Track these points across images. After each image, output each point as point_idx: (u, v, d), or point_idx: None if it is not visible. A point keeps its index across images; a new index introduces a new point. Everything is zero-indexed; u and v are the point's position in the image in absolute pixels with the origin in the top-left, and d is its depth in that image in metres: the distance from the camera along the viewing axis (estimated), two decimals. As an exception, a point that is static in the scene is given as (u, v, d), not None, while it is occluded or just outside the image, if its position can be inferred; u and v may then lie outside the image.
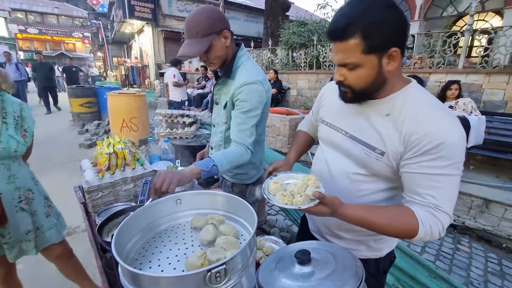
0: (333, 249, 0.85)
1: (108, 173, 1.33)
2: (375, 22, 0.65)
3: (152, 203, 0.76)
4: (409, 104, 0.73)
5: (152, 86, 14.78)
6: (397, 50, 0.68)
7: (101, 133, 5.94)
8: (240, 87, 1.19)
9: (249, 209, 0.72)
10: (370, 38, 0.66)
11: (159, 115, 2.28)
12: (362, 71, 0.71)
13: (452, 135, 0.67)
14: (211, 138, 1.53)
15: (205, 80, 8.65)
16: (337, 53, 0.72)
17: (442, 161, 0.67)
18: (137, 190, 1.39)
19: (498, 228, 2.70)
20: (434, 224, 0.70)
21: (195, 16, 1.12)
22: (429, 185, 0.70)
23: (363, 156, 0.80)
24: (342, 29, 0.68)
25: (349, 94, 0.78)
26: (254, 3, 16.85)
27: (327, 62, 6.02)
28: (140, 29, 15.57)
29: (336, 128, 0.90)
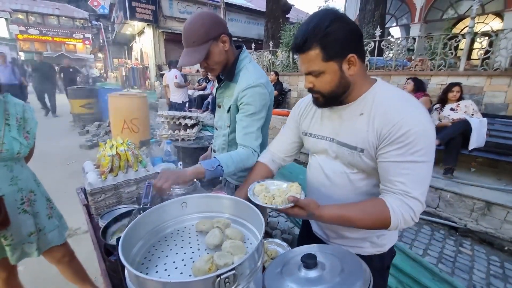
0: (339, 252, 0.85)
1: (111, 175, 1.33)
2: (326, 34, 0.74)
3: (158, 206, 0.76)
4: (377, 100, 0.80)
5: (152, 87, 14.79)
6: (354, 56, 0.77)
7: (101, 134, 5.94)
8: (243, 91, 1.19)
9: (256, 213, 0.72)
10: (326, 47, 0.75)
11: (161, 116, 2.27)
12: (326, 77, 0.79)
13: (417, 123, 0.72)
14: (213, 141, 1.53)
15: (206, 82, 8.67)
16: (303, 64, 0.81)
17: (409, 147, 0.73)
18: (140, 192, 1.38)
19: (500, 231, 2.69)
20: (405, 211, 0.75)
21: (190, 25, 1.12)
22: (399, 172, 0.75)
23: (348, 156, 0.87)
24: (301, 43, 0.77)
25: (320, 99, 0.86)
26: (255, 5, 16.89)
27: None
28: (141, 30, 15.60)
29: (321, 137, 0.97)
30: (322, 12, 0.78)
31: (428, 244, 2.71)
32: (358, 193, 0.90)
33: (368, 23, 6.51)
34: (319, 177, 1.00)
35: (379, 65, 5.33)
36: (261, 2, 17.31)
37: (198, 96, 8.19)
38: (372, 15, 6.53)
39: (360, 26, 6.80)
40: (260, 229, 0.68)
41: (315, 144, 0.99)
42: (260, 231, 0.67)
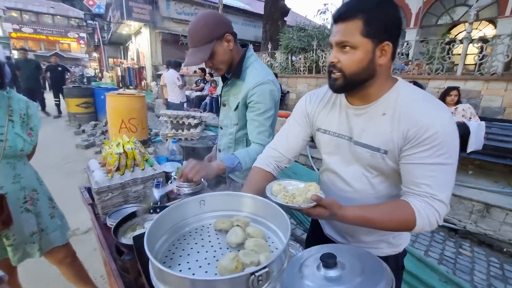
0: (356, 252, 0.84)
1: (117, 173, 1.30)
2: (376, 10, 0.71)
3: (177, 204, 0.74)
4: (401, 100, 0.77)
5: (148, 87, 14.69)
6: (390, 45, 0.74)
7: (98, 134, 5.86)
8: (253, 88, 1.19)
9: (278, 212, 0.71)
10: (369, 23, 0.72)
11: (164, 116, 2.25)
12: (357, 54, 0.74)
13: (445, 124, 0.71)
14: (218, 141, 1.51)
15: (203, 83, 8.64)
16: (337, 33, 0.76)
17: (436, 150, 0.71)
18: (147, 192, 1.36)
19: (499, 233, 2.73)
20: (430, 213, 0.73)
21: (194, 25, 1.13)
22: (424, 174, 0.73)
23: (369, 158, 0.83)
24: (346, 11, 0.74)
25: (339, 80, 0.79)
26: (252, 8, 16.97)
27: (326, 67, 6.06)
28: (138, 30, 15.52)
29: (338, 134, 0.91)
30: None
31: (429, 246, 2.73)
32: (379, 197, 0.88)
33: (366, 27, 6.56)
34: (336, 183, 0.96)
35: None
36: (258, 4, 17.40)
37: (196, 97, 8.17)
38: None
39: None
40: (284, 228, 0.67)
41: (330, 142, 0.94)
42: (285, 230, 0.66)
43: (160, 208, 1.10)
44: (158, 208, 1.10)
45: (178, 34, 12.31)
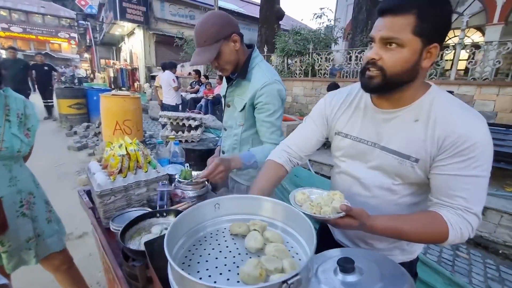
0: (373, 256, 0.82)
1: (119, 176, 1.26)
2: (432, 6, 0.66)
3: (193, 207, 0.71)
4: (436, 107, 0.73)
5: (141, 89, 14.52)
6: (437, 47, 0.69)
7: (90, 136, 5.73)
8: (261, 89, 1.18)
9: (298, 216, 0.69)
10: (423, 20, 0.65)
11: (164, 117, 2.20)
12: (403, 52, 0.69)
13: (484, 136, 0.68)
14: (222, 142, 1.50)
15: (198, 85, 8.59)
16: (384, 28, 0.69)
17: (473, 161, 0.68)
18: (150, 195, 1.32)
19: (494, 235, 2.77)
20: (464, 226, 0.71)
21: (202, 24, 1.13)
22: (460, 186, 0.71)
23: (397, 165, 0.79)
24: (399, 3, 0.67)
25: (377, 79, 0.73)
26: (247, 11, 17.03)
27: (322, 70, 6.11)
28: (131, 31, 15.36)
29: (360, 139, 0.87)
30: None
31: (426, 248, 2.75)
32: (398, 204, 0.85)
33: (362, 31, 6.67)
34: (353, 187, 0.91)
35: (373, 73, 5.45)
36: (253, 8, 17.50)
37: (191, 99, 8.10)
38: (365, 24, 6.70)
39: (354, 34, 6.97)
40: (305, 231, 0.65)
41: (352, 147, 0.89)
42: (307, 234, 0.63)
43: (166, 212, 1.07)
44: (164, 212, 1.06)
45: (172, 36, 12.22)
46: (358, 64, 5.45)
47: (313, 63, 6.22)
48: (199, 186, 1.33)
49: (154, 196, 1.31)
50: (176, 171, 1.53)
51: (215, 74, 9.03)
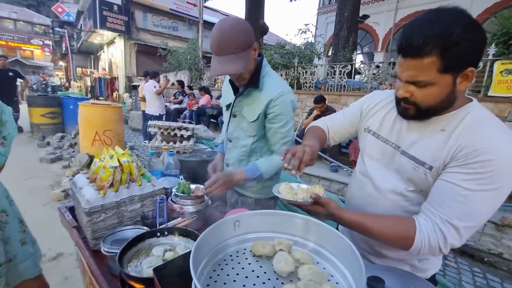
0: (400, 274, 0.78)
1: (111, 190, 1.14)
2: (456, 42, 0.60)
3: (213, 226, 0.62)
4: (468, 121, 0.71)
5: (120, 98, 14.05)
6: (473, 70, 0.65)
7: (65, 147, 5.37)
8: (276, 99, 1.16)
9: (329, 231, 0.63)
10: (448, 57, 0.62)
11: (154, 127, 2.08)
12: (433, 89, 0.67)
13: (505, 157, 0.63)
14: (226, 154, 1.41)
15: (182, 95, 8.45)
16: (408, 70, 0.67)
17: (480, 177, 0.64)
18: (144, 211, 1.20)
19: (479, 243, 2.84)
20: (433, 236, 0.68)
21: (230, 30, 1.03)
22: (453, 197, 0.67)
23: (411, 171, 0.78)
24: (419, 46, 0.63)
25: (412, 111, 0.74)
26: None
27: (307, 83, 6.24)
28: (111, 40, 14.99)
29: (386, 141, 0.87)
30: (453, 12, 0.63)
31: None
32: (407, 212, 0.83)
33: (344, 48, 6.93)
34: (366, 188, 0.91)
35: (356, 87, 5.64)
36: (236, 22, 17.76)
37: (175, 110, 7.92)
38: (346, 41, 6.99)
39: (336, 50, 7.23)
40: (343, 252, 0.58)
41: (375, 146, 0.89)
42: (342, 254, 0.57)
43: (167, 231, 0.96)
44: (165, 231, 0.96)
45: (155, 46, 12.05)
46: (342, 78, 5.62)
47: (298, 76, 6.34)
48: (199, 201, 1.24)
49: (148, 212, 1.19)
50: (171, 184, 1.42)
51: (199, 85, 8.95)
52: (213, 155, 2.09)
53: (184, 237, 0.94)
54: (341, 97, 5.57)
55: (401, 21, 10.66)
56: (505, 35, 3.90)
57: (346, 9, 7.09)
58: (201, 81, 9.81)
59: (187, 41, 11.53)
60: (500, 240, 2.73)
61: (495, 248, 2.76)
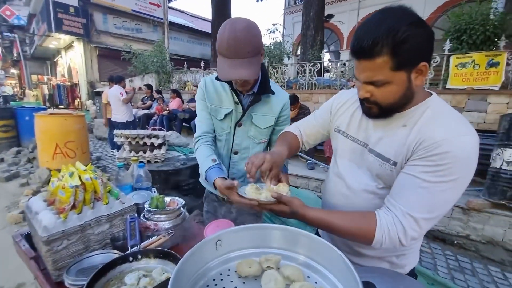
0: (386, 274, 0.77)
1: (73, 212, 1.01)
2: (404, 40, 0.62)
3: (192, 250, 0.56)
4: (427, 115, 0.72)
5: (83, 106, 13.18)
6: (426, 65, 0.67)
7: (22, 163, 4.89)
8: (287, 102, 1.23)
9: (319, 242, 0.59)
10: (398, 55, 0.64)
11: (121, 136, 1.92)
12: (391, 87, 0.69)
13: (463, 148, 0.64)
14: (231, 168, 1.29)
15: (151, 100, 8.10)
16: (364, 71, 0.70)
17: (439, 169, 0.65)
18: (113, 232, 1.08)
19: (449, 228, 3.03)
20: (393, 229, 0.69)
21: (243, 33, 0.95)
22: (413, 190, 0.68)
23: (379, 168, 0.80)
24: (369, 47, 0.64)
25: (375, 109, 0.76)
26: (197, 26, 16.96)
27: (279, 83, 6.28)
28: (69, 44, 14.01)
29: (355, 139, 0.88)
30: (398, 11, 0.65)
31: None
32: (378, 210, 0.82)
33: (312, 46, 7.08)
34: (337, 188, 0.92)
35: (326, 84, 5.78)
36: (202, 23, 17.50)
37: (143, 115, 7.58)
38: (313, 40, 7.15)
39: (305, 49, 7.36)
40: (330, 262, 0.55)
41: (345, 145, 0.91)
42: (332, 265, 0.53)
43: (141, 254, 0.87)
44: (138, 254, 0.86)
45: (118, 49, 11.44)
46: (312, 76, 5.73)
47: (269, 76, 6.35)
48: (175, 214, 1.15)
49: (119, 233, 1.08)
50: (142, 199, 1.31)
51: (169, 89, 8.65)
52: (187, 162, 1.99)
53: (160, 259, 0.86)
54: (312, 95, 5.68)
55: (363, 19, 11.14)
56: (457, 31, 4.19)
57: (312, 9, 7.25)
58: (170, 84, 9.49)
59: (152, 43, 11.09)
60: (467, 223, 2.92)
61: (463, 231, 2.95)
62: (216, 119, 1.22)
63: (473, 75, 3.98)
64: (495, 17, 4.08)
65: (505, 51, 3.81)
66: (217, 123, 1.24)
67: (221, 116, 1.20)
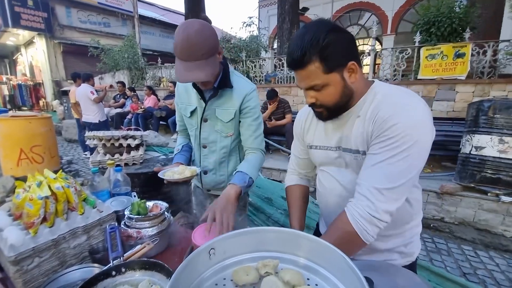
0: (385, 268, 0.77)
1: (44, 226, 0.92)
2: (326, 45, 0.70)
3: (185, 263, 0.51)
4: (376, 100, 0.77)
5: (50, 107, 12.33)
6: (355, 63, 0.74)
7: (-18, 171, 4.47)
8: (250, 93, 1.20)
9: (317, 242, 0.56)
10: (326, 59, 0.71)
11: (94, 138, 1.78)
12: (329, 89, 0.75)
13: (409, 116, 0.69)
14: (202, 162, 1.36)
15: (124, 98, 7.74)
16: (302, 80, 0.77)
17: (391, 142, 0.69)
18: (92, 244, 1.00)
19: (425, 212, 3.19)
20: (360, 209, 0.71)
21: (196, 35, 0.97)
22: (374, 166, 0.72)
23: (354, 161, 0.83)
24: (299, 58, 0.72)
25: (324, 112, 0.82)
26: (169, 19, 16.37)
27: (258, 77, 6.23)
28: (29, 40, 12.97)
29: (328, 148, 0.91)
30: (316, 23, 0.74)
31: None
32: None
33: (288, 39, 7.07)
34: (335, 190, 0.92)
35: (304, 77, 5.81)
36: (175, 16, 16.93)
37: (117, 114, 7.23)
38: (289, 33, 7.14)
39: (281, 43, 7.35)
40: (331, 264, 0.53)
41: (324, 156, 0.93)
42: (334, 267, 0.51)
43: (125, 267, 0.80)
44: (122, 267, 0.79)
45: (85, 45, 10.75)
46: (291, 70, 5.73)
47: (247, 70, 6.28)
48: (159, 220, 1.08)
49: (98, 244, 1.00)
50: (122, 205, 1.23)
51: (143, 86, 8.29)
52: (168, 163, 1.90)
53: (147, 270, 0.80)
54: (291, 89, 5.70)
55: (337, 13, 11.34)
56: (426, 24, 4.37)
57: (287, 2, 7.23)
58: (144, 81, 9.10)
59: (122, 38, 10.54)
60: (441, 206, 3.09)
61: (438, 214, 3.12)
62: (186, 116, 1.31)
63: (442, 65, 4.18)
64: (460, 9, 4.30)
65: (470, 42, 4.03)
66: (187, 120, 1.33)
67: (188, 113, 1.28)
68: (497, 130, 2.77)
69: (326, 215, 1.00)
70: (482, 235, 2.87)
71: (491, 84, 3.92)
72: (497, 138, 2.77)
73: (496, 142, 2.77)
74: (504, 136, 2.75)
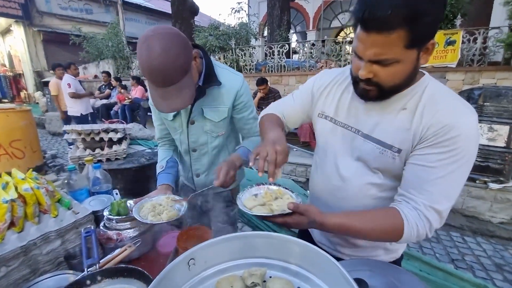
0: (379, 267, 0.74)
1: (12, 231, 0.84)
2: (423, 12, 0.54)
3: (161, 275, 0.44)
4: (427, 96, 0.68)
5: (31, 99, 11.84)
6: (434, 42, 0.62)
7: (-41, 168, 4.26)
8: (241, 89, 1.10)
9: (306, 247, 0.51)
10: (416, 30, 0.56)
11: (72, 132, 1.67)
12: (398, 67, 0.61)
13: (470, 128, 0.63)
14: (193, 166, 1.26)
15: (109, 89, 7.46)
16: (372, 47, 0.59)
17: (453, 154, 0.63)
18: (67, 248, 0.93)
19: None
20: (421, 224, 0.67)
21: (162, 60, 0.80)
22: (432, 180, 0.65)
23: (378, 155, 0.73)
24: (386, 18, 0.54)
25: (374, 92, 0.68)
26: (155, 5, 15.77)
27: (247, 66, 6.09)
28: (6, 28, 12.29)
29: (345, 125, 0.81)
30: None
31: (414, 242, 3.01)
32: (376, 198, 0.79)
33: (278, 27, 6.91)
34: (330, 178, 0.84)
35: (295, 66, 5.72)
36: (161, 3, 16.30)
37: (102, 106, 7.00)
38: (280, 20, 6.97)
39: (272, 30, 7.17)
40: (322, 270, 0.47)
41: (333, 132, 0.83)
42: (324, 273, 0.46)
43: (100, 275, 0.73)
44: (98, 275, 0.73)
45: (66, 33, 10.26)
46: (281, 58, 5.62)
47: (237, 59, 6.13)
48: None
49: (75, 248, 0.93)
50: (102, 204, 1.15)
51: (129, 76, 8.01)
52: (154, 157, 1.82)
53: (125, 277, 0.73)
54: (282, 78, 5.60)
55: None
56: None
57: (277, -13, 7.01)
58: (130, 70, 8.80)
59: (105, 25, 10.10)
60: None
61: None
62: (167, 120, 1.17)
63: (433, 53, 4.15)
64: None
65: (460, 29, 4.00)
66: (168, 124, 1.19)
67: (170, 116, 1.14)
68: (487, 118, 2.78)
69: (315, 202, 0.94)
70: (470, 222, 2.93)
71: (481, 72, 3.92)
72: (486, 126, 2.79)
73: (485, 130, 2.79)
74: (494, 124, 2.76)
